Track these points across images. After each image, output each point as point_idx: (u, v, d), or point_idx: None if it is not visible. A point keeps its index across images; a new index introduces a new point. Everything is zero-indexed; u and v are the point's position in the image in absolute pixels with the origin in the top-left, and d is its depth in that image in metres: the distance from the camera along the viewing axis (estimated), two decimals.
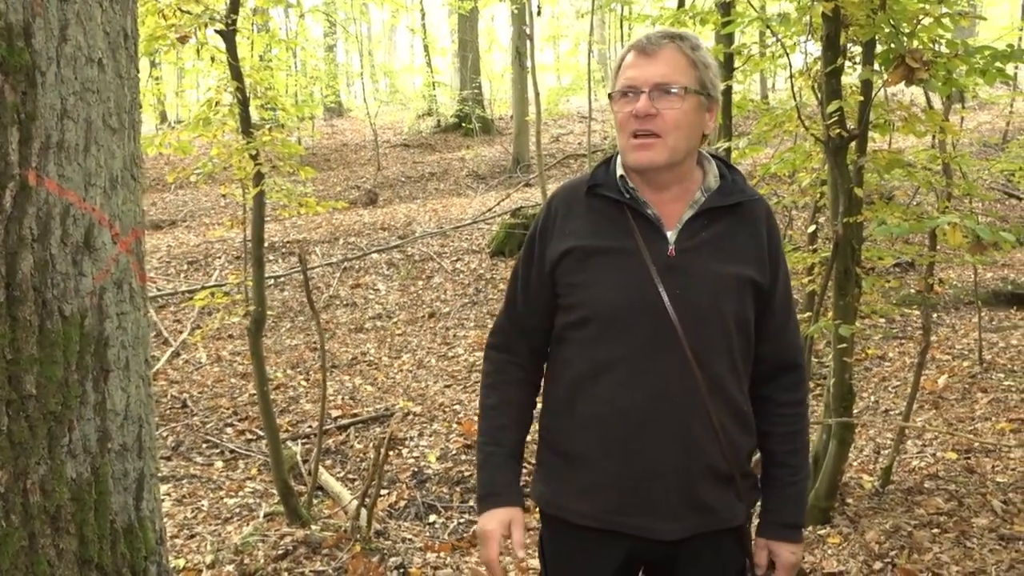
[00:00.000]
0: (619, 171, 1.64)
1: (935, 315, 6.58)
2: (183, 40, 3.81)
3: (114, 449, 1.42)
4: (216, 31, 4.00)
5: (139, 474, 1.48)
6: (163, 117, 18.27)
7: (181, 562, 3.71)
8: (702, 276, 1.57)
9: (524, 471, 1.78)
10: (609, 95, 1.63)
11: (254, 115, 4.22)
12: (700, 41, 1.61)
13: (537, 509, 1.77)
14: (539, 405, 1.78)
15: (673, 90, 1.54)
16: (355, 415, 5.61)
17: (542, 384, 1.77)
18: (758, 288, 1.61)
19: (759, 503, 1.73)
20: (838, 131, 3.35)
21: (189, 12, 4.04)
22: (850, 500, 3.77)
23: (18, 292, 1.26)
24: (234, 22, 3.96)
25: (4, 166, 1.25)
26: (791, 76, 3.77)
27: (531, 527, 3.94)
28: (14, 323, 1.26)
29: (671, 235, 1.59)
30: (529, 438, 1.80)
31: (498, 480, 1.69)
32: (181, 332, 7.41)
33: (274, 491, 4.29)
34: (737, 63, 4.91)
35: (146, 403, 1.53)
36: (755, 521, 1.74)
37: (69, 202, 1.34)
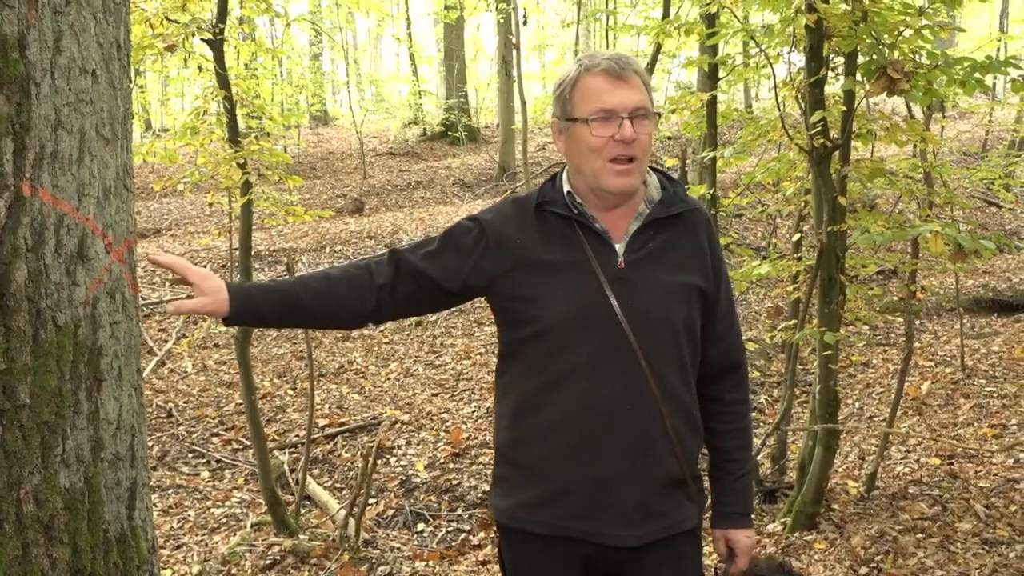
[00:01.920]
0: (566, 187, 1.67)
1: (918, 322, 6.66)
2: (171, 49, 3.81)
3: (107, 458, 1.42)
4: (203, 40, 4.00)
5: (132, 483, 1.48)
6: (148, 125, 18.19)
7: (168, 573, 3.69)
8: (652, 286, 1.61)
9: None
10: (572, 119, 1.61)
11: (240, 124, 4.22)
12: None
13: (497, 524, 1.78)
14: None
15: (648, 114, 1.60)
16: (342, 424, 5.60)
17: (495, 399, 1.77)
18: (704, 295, 1.66)
19: (709, 498, 1.78)
20: (822, 141, 3.40)
21: (176, 21, 4.04)
22: (836, 506, 3.80)
23: (12, 302, 1.27)
24: (222, 31, 3.97)
25: None
26: (775, 86, 3.82)
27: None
28: (8, 333, 1.26)
29: (619, 248, 1.63)
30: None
31: (248, 285, 1.63)
32: (166, 341, 7.36)
33: (261, 501, 4.27)
34: (722, 73, 4.96)
35: (138, 412, 1.53)
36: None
37: (63, 212, 1.34)
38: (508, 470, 1.70)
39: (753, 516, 1.82)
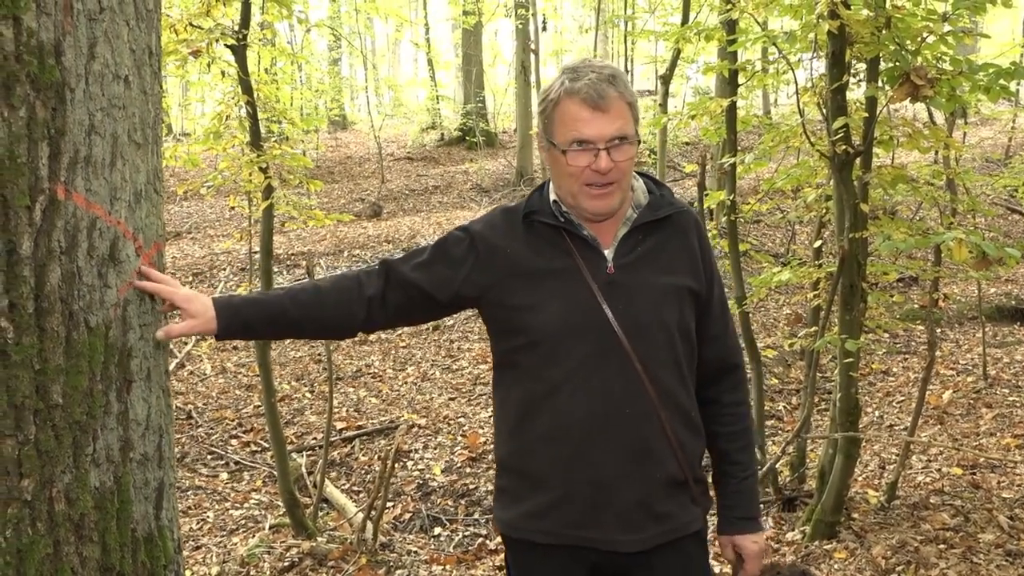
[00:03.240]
0: (552, 196, 1.68)
1: (939, 330, 6.59)
2: (196, 55, 3.85)
3: (136, 458, 1.44)
4: (227, 46, 4.05)
5: (159, 483, 1.50)
6: (169, 129, 18.37)
7: (188, 574, 3.72)
8: (642, 290, 1.62)
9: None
10: (551, 142, 1.61)
11: (261, 128, 4.27)
12: (622, 72, 1.64)
13: (501, 536, 1.78)
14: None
15: (626, 141, 1.58)
16: (360, 427, 5.62)
17: (493, 410, 1.76)
18: (696, 296, 1.67)
19: (714, 503, 1.78)
20: (844, 147, 3.38)
21: (200, 27, 4.09)
22: (856, 515, 3.77)
23: (46, 303, 1.29)
24: (245, 37, 4.01)
25: (34, 180, 1.28)
26: (796, 92, 3.81)
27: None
28: (42, 334, 1.28)
29: (608, 253, 1.64)
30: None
31: (236, 299, 1.62)
32: (186, 343, 7.43)
33: (279, 503, 4.30)
34: (742, 79, 4.95)
35: (166, 413, 1.55)
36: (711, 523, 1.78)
37: (96, 215, 1.36)
38: (509, 480, 1.71)
39: (762, 519, 1.79)
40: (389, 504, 4.37)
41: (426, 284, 1.66)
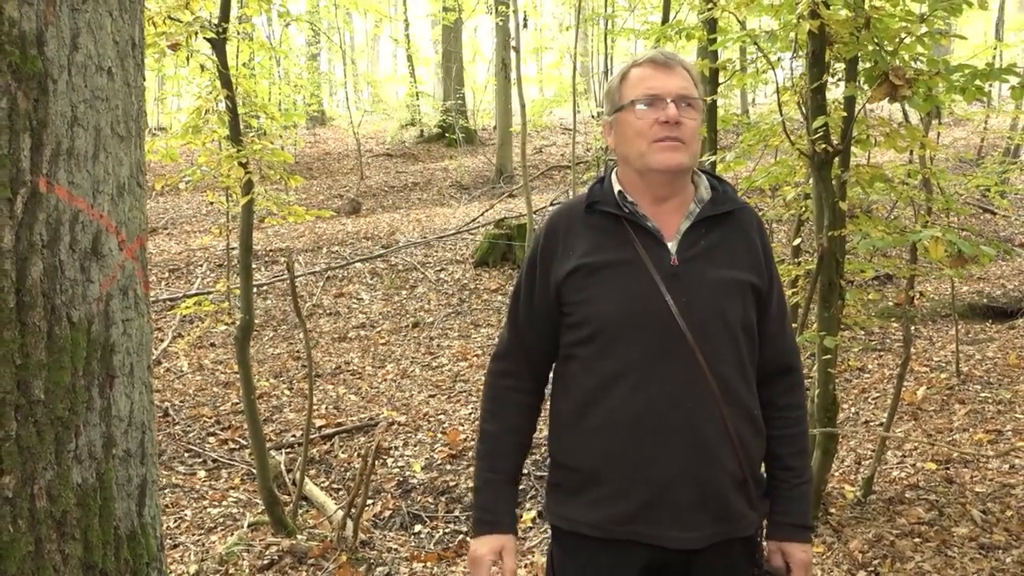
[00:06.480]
0: (616, 187, 1.67)
1: (913, 328, 6.68)
2: (174, 48, 3.80)
3: (118, 455, 1.42)
4: (207, 39, 4.00)
5: (142, 480, 1.48)
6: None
7: None
8: (706, 283, 1.60)
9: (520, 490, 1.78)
10: (620, 106, 1.65)
11: (240, 123, 4.22)
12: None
13: (551, 527, 1.76)
14: (541, 426, 1.80)
15: (693, 102, 1.62)
16: (339, 424, 5.59)
17: (549, 404, 1.76)
18: (757, 292, 1.66)
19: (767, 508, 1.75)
20: (823, 146, 3.41)
21: (179, 20, 4.04)
22: (833, 510, 3.82)
23: (28, 298, 1.27)
24: (225, 31, 3.97)
25: (16, 172, 1.25)
26: (776, 91, 3.84)
27: (527, 546, 3.95)
28: (23, 328, 1.26)
29: (672, 245, 1.63)
30: (540, 458, 1.81)
31: (494, 506, 1.70)
32: (162, 340, 7.35)
33: (258, 501, 4.27)
34: (722, 78, 4.98)
35: (148, 409, 1.53)
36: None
37: (78, 209, 1.34)
38: (563, 475, 1.68)
39: (812, 531, 1.77)
40: (369, 501, 4.35)
41: (546, 325, 1.70)
